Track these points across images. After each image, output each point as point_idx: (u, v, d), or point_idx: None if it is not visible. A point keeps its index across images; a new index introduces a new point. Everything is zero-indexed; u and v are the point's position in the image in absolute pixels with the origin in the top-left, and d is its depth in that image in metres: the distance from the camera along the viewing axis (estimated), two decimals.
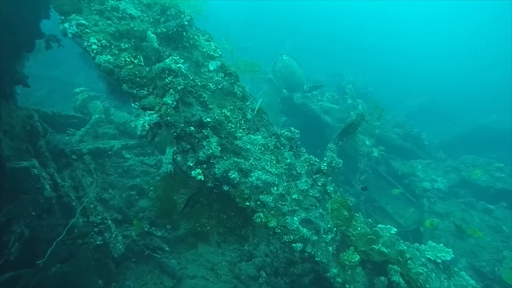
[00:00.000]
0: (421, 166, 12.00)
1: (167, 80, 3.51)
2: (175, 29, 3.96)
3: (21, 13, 4.73)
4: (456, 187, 11.29)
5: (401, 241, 5.56)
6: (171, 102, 3.36)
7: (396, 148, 12.76)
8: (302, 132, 5.03)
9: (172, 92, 3.47)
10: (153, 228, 6.29)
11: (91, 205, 5.75)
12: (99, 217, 5.26)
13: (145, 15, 4.09)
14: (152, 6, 4.15)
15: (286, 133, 4.80)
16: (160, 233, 6.17)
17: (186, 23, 3.99)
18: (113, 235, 4.97)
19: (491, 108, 21.35)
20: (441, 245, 5.71)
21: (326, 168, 4.92)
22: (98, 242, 4.91)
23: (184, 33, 4.08)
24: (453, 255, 5.56)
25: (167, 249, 5.92)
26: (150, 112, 3.24)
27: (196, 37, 4.48)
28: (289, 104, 12.01)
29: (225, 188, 3.99)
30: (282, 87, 11.71)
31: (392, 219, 10.39)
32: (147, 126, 3.11)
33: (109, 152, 7.47)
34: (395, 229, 5.57)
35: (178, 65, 3.54)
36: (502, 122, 17.62)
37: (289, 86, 11.60)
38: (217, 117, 4.03)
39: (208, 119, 3.95)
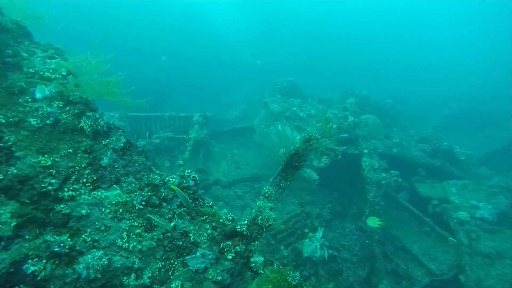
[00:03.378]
0: (456, 189, 9.37)
1: None
2: None
3: None
4: (508, 215, 8.53)
5: None
6: None
7: (423, 168, 10.27)
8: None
9: None
10: None
11: None
12: None
13: None
14: None
15: (172, 180, 3.13)
16: None
17: None
18: None
19: None
20: None
21: (245, 229, 3.13)
22: None
23: None
24: None
25: None
26: None
27: (26, 54, 3.11)
28: None
29: None
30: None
31: (419, 264, 7.90)
32: None
33: None
34: None
35: None
36: None
37: None
38: (16, 171, 2.51)
39: None
